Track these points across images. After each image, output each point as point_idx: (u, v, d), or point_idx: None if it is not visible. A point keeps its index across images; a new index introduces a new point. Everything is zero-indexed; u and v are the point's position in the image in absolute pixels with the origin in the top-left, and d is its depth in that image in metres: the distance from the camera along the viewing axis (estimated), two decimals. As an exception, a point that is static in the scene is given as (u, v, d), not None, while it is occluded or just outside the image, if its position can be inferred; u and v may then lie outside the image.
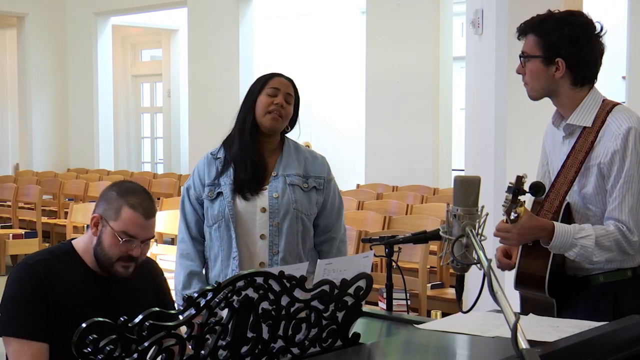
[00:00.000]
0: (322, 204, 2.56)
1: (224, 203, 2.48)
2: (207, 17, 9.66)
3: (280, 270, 1.57)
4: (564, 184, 2.15)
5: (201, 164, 2.58)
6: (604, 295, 2.13)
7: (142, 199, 2.04)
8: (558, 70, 2.12)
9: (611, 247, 2.05)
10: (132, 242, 2.00)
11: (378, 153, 8.09)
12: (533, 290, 2.17)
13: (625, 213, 2.05)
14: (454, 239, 1.64)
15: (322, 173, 2.57)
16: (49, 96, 11.37)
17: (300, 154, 2.59)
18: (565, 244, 2.06)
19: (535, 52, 2.14)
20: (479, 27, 4.19)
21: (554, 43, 2.11)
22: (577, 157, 2.13)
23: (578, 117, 2.15)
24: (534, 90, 2.18)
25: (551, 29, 2.12)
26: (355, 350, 1.72)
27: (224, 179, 2.50)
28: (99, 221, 2.02)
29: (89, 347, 1.38)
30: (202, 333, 1.48)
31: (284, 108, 2.50)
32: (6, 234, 7.31)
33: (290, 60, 10.94)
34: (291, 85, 2.57)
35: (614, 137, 2.08)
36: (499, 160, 4.07)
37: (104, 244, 2.01)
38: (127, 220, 2.00)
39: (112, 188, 2.08)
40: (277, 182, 2.50)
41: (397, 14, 7.90)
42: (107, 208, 2.03)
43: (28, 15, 11.11)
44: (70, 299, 1.98)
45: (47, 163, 11.21)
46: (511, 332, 1.43)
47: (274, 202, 2.48)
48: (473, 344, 1.76)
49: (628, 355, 1.74)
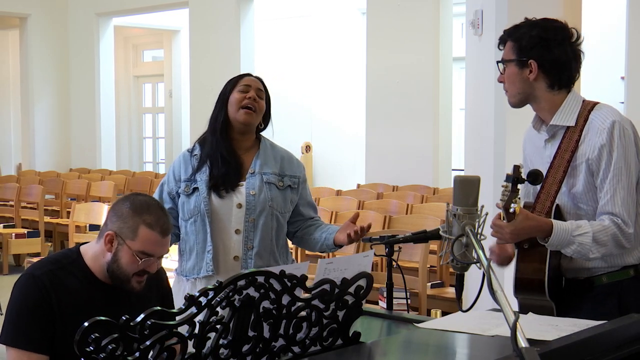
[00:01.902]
0: (296, 203, 2.64)
1: (200, 198, 2.54)
2: (208, 18, 9.67)
3: (281, 270, 1.58)
4: (553, 184, 2.16)
5: (177, 161, 2.66)
6: (609, 296, 2.13)
7: (158, 216, 2.00)
8: (532, 72, 2.15)
9: (607, 242, 2.05)
10: (150, 260, 1.99)
11: (378, 153, 8.10)
12: (532, 294, 2.16)
13: (618, 205, 2.06)
14: (453, 238, 1.64)
15: (297, 173, 2.65)
16: (51, 96, 11.38)
17: (277, 152, 2.66)
18: (563, 242, 2.06)
19: (510, 56, 2.18)
20: (479, 27, 4.20)
21: (525, 44, 2.14)
22: (564, 156, 2.14)
23: (561, 117, 2.16)
24: (512, 95, 2.20)
25: (524, 33, 2.16)
26: (356, 349, 1.72)
27: (200, 175, 2.57)
28: (114, 238, 1.99)
29: (91, 346, 1.39)
30: (204, 332, 1.49)
31: (257, 102, 2.57)
32: (9, 234, 7.32)
33: (290, 60, 10.96)
34: (261, 82, 2.65)
35: (599, 132, 2.09)
36: (499, 160, 4.08)
37: (121, 262, 1.99)
38: (145, 239, 1.97)
39: (124, 203, 2.03)
40: (254, 180, 2.56)
41: (397, 14, 7.90)
42: (122, 226, 1.98)
43: (30, 15, 11.12)
44: (77, 308, 1.97)
45: (50, 163, 11.22)
46: (511, 331, 1.44)
47: (251, 199, 2.54)
48: (473, 343, 1.77)
49: (627, 354, 1.75)
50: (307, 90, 10.84)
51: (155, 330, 1.43)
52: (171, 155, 12.37)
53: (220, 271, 2.53)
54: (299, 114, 10.84)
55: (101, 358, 1.39)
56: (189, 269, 2.59)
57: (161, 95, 12.99)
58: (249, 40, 9.44)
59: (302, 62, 10.85)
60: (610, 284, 2.13)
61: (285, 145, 2.80)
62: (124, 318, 1.41)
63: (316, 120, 10.83)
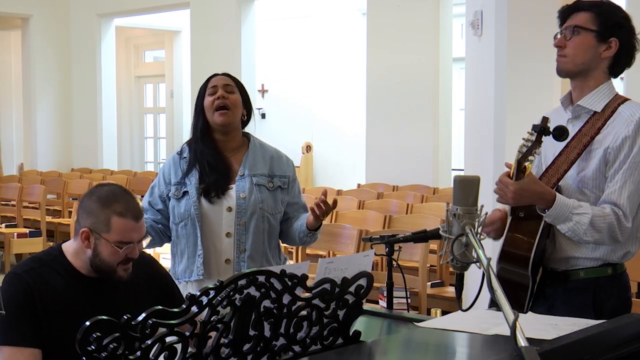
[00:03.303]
0: (287, 203, 2.62)
1: (190, 202, 2.54)
2: (209, 18, 9.68)
3: (282, 269, 1.59)
4: (564, 163, 2.16)
5: (167, 164, 2.65)
6: (584, 291, 2.12)
7: (127, 202, 2.02)
8: (608, 50, 2.14)
9: (603, 229, 2.05)
10: (130, 247, 2.01)
11: (378, 153, 8.11)
12: (515, 266, 2.14)
13: (623, 197, 2.06)
14: (453, 238, 1.65)
15: (287, 173, 2.62)
16: (53, 97, 11.39)
17: (267, 152, 2.63)
18: (561, 216, 2.06)
19: (590, 26, 2.14)
20: (478, 28, 4.20)
21: (615, 22, 2.14)
22: (582, 140, 2.14)
23: (590, 100, 2.16)
24: (574, 63, 2.16)
25: (612, 10, 2.16)
26: (356, 348, 1.73)
27: (190, 178, 2.56)
28: (90, 235, 2.01)
29: (92, 345, 1.39)
30: (205, 331, 1.50)
31: (227, 98, 2.53)
32: (11, 233, 7.33)
33: (291, 61, 10.97)
34: (227, 77, 2.61)
35: (627, 123, 2.09)
36: (498, 160, 4.08)
37: (102, 256, 2.00)
38: (120, 229, 1.99)
39: (91, 198, 2.04)
40: (244, 182, 2.55)
41: (397, 15, 7.91)
42: (95, 221, 2.00)
43: (32, 16, 11.13)
44: (61, 304, 1.98)
45: (51, 163, 11.23)
46: (510, 330, 1.45)
47: (241, 202, 2.53)
48: (472, 342, 1.77)
49: (626, 353, 1.75)
50: (308, 91, 10.85)
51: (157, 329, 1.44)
52: (172, 155, 12.39)
53: (212, 274, 2.52)
54: (300, 114, 10.85)
55: (102, 357, 1.39)
56: (181, 272, 2.58)
57: (162, 95, 13.00)
58: (250, 40, 9.45)
59: (303, 62, 10.86)
60: (586, 279, 2.13)
61: (285, 146, 2.81)
62: (125, 317, 1.42)
63: (317, 120, 10.84)
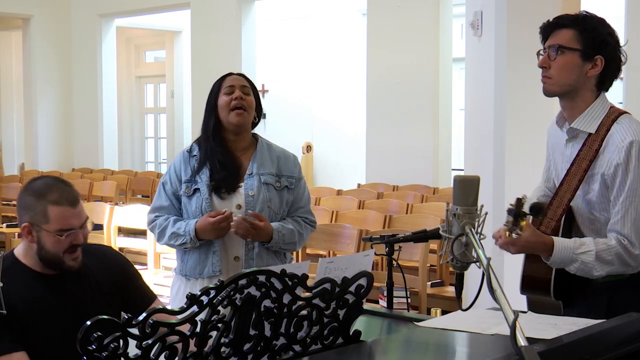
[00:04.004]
0: (291, 202, 2.66)
1: (201, 199, 2.57)
2: (210, 18, 9.68)
3: (282, 269, 1.60)
4: (567, 191, 2.14)
5: (177, 160, 2.68)
6: (601, 293, 2.14)
7: (61, 190, 2.04)
8: (594, 68, 2.08)
9: (612, 261, 2.05)
10: (72, 233, 2.02)
11: (379, 153, 8.12)
12: (539, 294, 2.17)
13: (627, 227, 2.05)
14: (453, 237, 1.65)
15: (294, 173, 2.67)
16: (54, 97, 11.40)
17: (273, 152, 2.67)
18: (565, 259, 2.06)
19: (574, 45, 2.07)
20: (478, 28, 4.20)
21: (600, 40, 2.07)
22: (581, 165, 2.11)
23: (583, 122, 2.11)
24: (559, 84, 2.10)
25: (596, 27, 2.09)
26: (356, 347, 1.73)
27: (200, 176, 2.59)
28: (31, 228, 2.03)
29: (93, 345, 1.39)
30: (205, 330, 1.50)
31: (244, 99, 2.58)
32: (12, 233, 7.34)
33: (292, 61, 10.97)
34: (244, 78, 2.66)
35: (618, 149, 2.05)
36: (498, 160, 4.09)
37: (47, 247, 2.02)
38: (58, 217, 2.00)
39: (26, 193, 2.07)
40: (252, 181, 2.59)
41: (397, 15, 7.92)
42: (33, 214, 2.02)
43: (33, 17, 11.13)
44: (29, 306, 1.98)
45: (52, 163, 11.24)
46: (510, 330, 1.45)
47: (250, 200, 2.57)
48: (472, 342, 1.78)
49: (626, 353, 1.75)
50: (308, 91, 10.85)
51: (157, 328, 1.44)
52: (173, 155, 12.38)
53: (222, 271, 2.55)
54: (300, 114, 10.86)
55: (103, 357, 1.40)
56: (190, 269, 2.60)
57: (163, 95, 13.00)
58: (250, 40, 9.45)
59: (303, 62, 10.86)
60: (605, 282, 2.14)
61: (286, 145, 2.82)
62: (126, 316, 1.42)
63: (317, 120, 10.84)
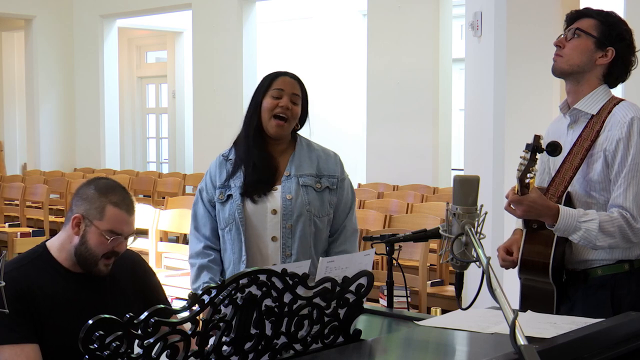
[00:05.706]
0: (335, 205, 2.48)
1: (234, 206, 2.42)
2: (211, 19, 9.69)
3: (283, 268, 1.60)
4: (569, 169, 2.19)
5: (213, 165, 2.52)
6: (602, 288, 2.16)
7: (123, 195, 2.05)
8: (603, 57, 2.19)
9: (614, 233, 2.08)
10: (118, 239, 2.03)
11: (379, 153, 8.12)
12: (536, 275, 2.20)
13: (629, 200, 2.09)
14: (453, 237, 1.65)
15: (335, 172, 2.49)
16: (56, 97, 11.41)
17: (313, 152, 2.50)
18: (570, 227, 2.09)
19: (592, 32, 2.20)
20: (478, 29, 4.21)
21: (616, 33, 2.19)
22: (583, 144, 2.18)
23: (586, 103, 2.21)
24: (568, 63, 2.21)
25: (616, 22, 2.22)
26: (357, 346, 1.74)
27: (234, 180, 2.44)
28: (82, 221, 2.02)
29: (95, 344, 1.40)
30: (206, 329, 1.51)
31: (290, 109, 2.41)
32: (14, 233, 7.36)
33: (292, 62, 10.94)
34: (297, 83, 2.47)
35: (620, 125, 2.13)
36: (498, 160, 4.10)
37: (89, 244, 2.01)
38: (113, 218, 2.01)
39: (89, 187, 2.06)
40: (290, 183, 2.43)
41: (397, 16, 7.92)
42: (89, 207, 2.02)
43: (36, 17, 11.14)
44: (49, 300, 1.99)
45: (55, 163, 11.25)
46: (509, 329, 1.45)
47: (287, 204, 2.41)
48: (472, 340, 1.78)
49: (625, 352, 1.76)
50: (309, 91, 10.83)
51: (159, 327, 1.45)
52: (174, 155, 12.40)
53: None
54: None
55: (105, 356, 1.40)
56: None
57: (164, 95, 13.01)
58: (251, 41, 9.46)
59: (304, 63, 10.84)
60: (604, 276, 2.16)
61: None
62: (127, 316, 1.43)
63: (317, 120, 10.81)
